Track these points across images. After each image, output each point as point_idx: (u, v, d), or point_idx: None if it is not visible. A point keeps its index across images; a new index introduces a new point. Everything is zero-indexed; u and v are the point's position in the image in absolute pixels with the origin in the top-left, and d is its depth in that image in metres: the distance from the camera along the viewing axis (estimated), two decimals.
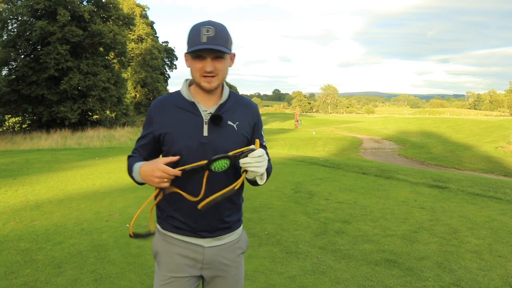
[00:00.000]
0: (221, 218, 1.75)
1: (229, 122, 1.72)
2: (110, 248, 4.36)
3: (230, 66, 1.73)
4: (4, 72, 31.61)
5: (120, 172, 9.39)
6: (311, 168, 10.30)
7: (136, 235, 1.77)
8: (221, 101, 1.73)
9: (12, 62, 31.72)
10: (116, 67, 38.83)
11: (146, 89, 51.94)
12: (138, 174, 1.66)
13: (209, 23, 1.62)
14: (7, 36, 31.80)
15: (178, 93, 1.77)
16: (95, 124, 33.50)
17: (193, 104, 1.71)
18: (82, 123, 32.49)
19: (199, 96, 1.73)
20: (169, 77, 58.02)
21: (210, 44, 1.58)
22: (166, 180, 1.58)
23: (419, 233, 4.90)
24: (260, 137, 1.83)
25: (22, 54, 32.34)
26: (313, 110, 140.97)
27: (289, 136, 30.17)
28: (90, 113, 34.89)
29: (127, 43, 39.56)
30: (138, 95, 51.77)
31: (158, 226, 1.83)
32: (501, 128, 29.86)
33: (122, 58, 38.69)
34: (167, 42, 58.11)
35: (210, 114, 1.69)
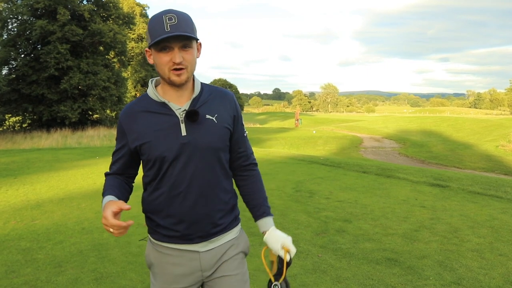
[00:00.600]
0: (214, 222, 1.63)
1: (208, 116, 1.59)
2: (110, 247, 4.36)
3: (198, 57, 1.59)
4: (4, 72, 31.63)
5: None
6: (312, 167, 10.30)
7: None
8: (194, 95, 1.59)
9: (12, 62, 31.72)
10: (116, 66, 38.81)
11: (146, 88, 51.95)
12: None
13: (170, 11, 1.49)
14: (7, 35, 31.79)
15: (145, 96, 1.63)
16: (96, 123, 33.49)
17: (164, 105, 1.57)
18: (82, 122, 32.49)
19: (169, 95, 1.59)
20: None
21: (175, 31, 1.44)
22: (111, 230, 1.43)
23: (420, 232, 4.90)
24: (242, 127, 1.74)
25: (22, 54, 32.34)
26: (314, 109, 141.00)
27: (289, 135, 30.17)
28: (90, 112, 34.88)
29: (127, 42, 39.55)
30: (138, 94, 51.76)
31: (149, 236, 1.72)
32: (501, 126, 29.87)
33: (122, 57, 38.69)
34: None
35: (185, 111, 1.56)
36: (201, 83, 1.66)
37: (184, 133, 1.55)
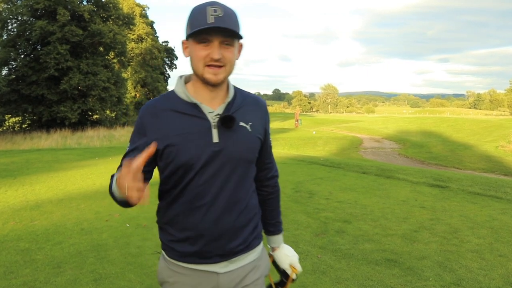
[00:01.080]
0: (236, 240, 1.47)
1: (241, 124, 1.43)
2: (110, 248, 4.35)
3: (237, 59, 1.42)
4: (4, 72, 31.67)
5: None
6: (312, 168, 10.29)
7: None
8: (229, 99, 1.43)
9: (12, 62, 31.77)
10: (116, 66, 38.85)
11: (146, 89, 51.94)
12: (116, 186, 1.27)
13: (215, 2, 1.33)
14: (7, 36, 31.84)
15: (172, 94, 1.45)
16: (95, 124, 33.52)
17: (195, 106, 1.39)
18: (82, 123, 32.51)
19: (200, 95, 1.41)
20: (169, 76, 58.02)
21: (219, 24, 1.28)
22: (132, 185, 1.13)
23: (419, 232, 4.89)
24: (269, 138, 1.61)
25: (22, 54, 32.39)
26: (313, 110, 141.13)
27: (289, 136, 30.17)
28: (90, 113, 34.91)
29: (127, 43, 39.59)
30: (138, 95, 51.77)
31: (163, 253, 1.54)
32: (501, 127, 29.87)
33: (122, 57, 38.73)
34: (167, 41, 58.09)
35: (218, 116, 1.39)
36: (234, 86, 1.50)
37: (216, 139, 1.39)
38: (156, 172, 1.51)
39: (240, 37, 1.36)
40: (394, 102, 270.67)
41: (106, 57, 36.50)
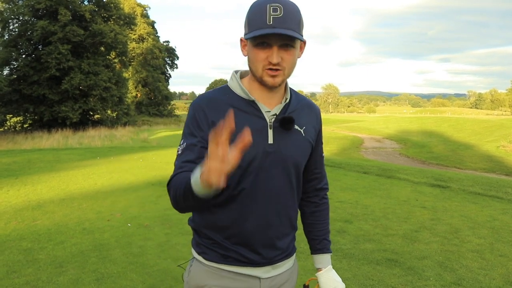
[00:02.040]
0: (281, 247, 1.43)
1: (296, 127, 1.37)
2: (111, 247, 4.37)
3: (299, 57, 1.34)
4: (5, 72, 31.75)
5: (121, 172, 9.40)
6: None
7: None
8: (286, 101, 1.38)
9: (14, 62, 31.82)
10: (117, 66, 38.91)
11: (147, 89, 52.03)
12: (198, 177, 1.05)
13: (275, 0, 1.22)
14: (8, 36, 31.91)
15: (227, 89, 1.38)
16: (97, 123, 33.55)
17: (253, 104, 1.33)
18: (83, 122, 32.56)
19: (257, 93, 1.34)
20: (170, 76, 58.16)
21: (278, 28, 1.20)
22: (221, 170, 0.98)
23: (420, 232, 4.90)
24: (321, 147, 1.55)
25: (23, 54, 32.45)
26: None
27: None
28: (91, 113, 34.96)
29: (128, 43, 39.65)
30: (139, 95, 51.84)
31: (200, 257, 1.44)
32: (502, 127, 29.83)
33: (123, 57, 38.77)
34: (168, 41, 58.25)
35: (275, 116, 1.33)
36: (290, 87, 1.43)
37: (270, 140, 1.32)
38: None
39: (302, 39, 1.29)
40: (395, 102, 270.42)
41: (107, 57, 36.54)
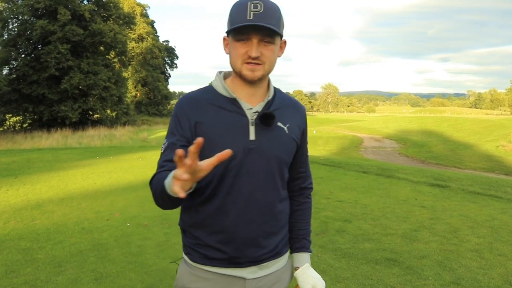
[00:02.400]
0: (267, 245, 1.41)
1: (279, 124, 1.39)
2: (110, 247, 4.36)
3: (279, 56, 1.37)
4: (5, 72, 31.73)
5: (120, 171, 9.40)
6: (312, 167, 10.17)
7: None
8: (268, 98, 1.39)
9: (13, 62, 31.80)
10: (117, 66, 38.88)
11: (146, 88, 52.01)
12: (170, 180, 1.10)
13: None
14: (7, 35, 31.88)
15: (210, 89, 1.41)
16: (96, 123, 33.54)
17: (234, 101, 1.36)
18: (82, 122, 32.53)
19: (239, 91, 1.37)
20: (170, 76, 58.12)
21: (257, 21, 1.23)
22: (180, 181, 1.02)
23: (419, 232, 4.90)
24: (306, 146, 1.56)
25: (22, 54, 32.42)
26: (314, 109, 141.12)
27: None
28: (90, 112, 34.94)
29: (128, 42, 39.62)
30: (138, 94, 51.82)
31: (186, 257, 1.47)
32: (502, 127, 29.87)
33: (123, 57, 38.76)
34: (167, 41, 58.14)
35: (257, 113, 1.35)
36: (274, 86, 1.45)
37: (252, 137, 1.34)
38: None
39: (280, 35, 1.32)
40: (395, 102, 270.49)
41: (107, 56, 36.52)
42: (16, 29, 32.01)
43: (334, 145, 25.22)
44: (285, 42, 1.39)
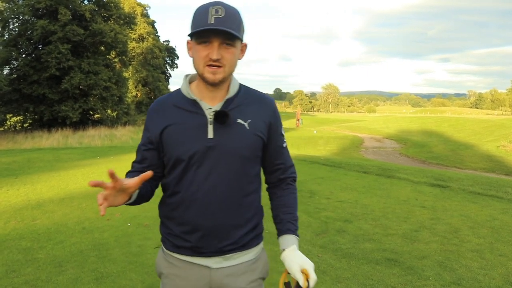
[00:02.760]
0: (230, 238, 1.47)
1: (239, 120, 1.44)
2: (111, 247, 4.36)
3: (240, 59, 1.44)
4: (5, 71, 31.69)
5: (121, 171, 9.32)
6: (312, 167, 10.30)
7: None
8: (228, 96, 1.45)
9: (14, 61, 31.77)
10: (117, 66, 38.85)
11: (147, 88, 51.97)
12: None
13: (218, 3, 1.34)
14: (8, 35, 31.87)
15: (178, 91, 1.50)
16: (96, 123, 33.52)
17: (194, 103, 1.44)
18: (83, 122, 32.52)
19: (202, 93, 1.45)
20: (170, 76, 58.06)
21: (218, 26, 1.30)
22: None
23: (420, 232, 4.90)
24: (280, 138, 1.57)
25: (23, 53, 32.40)
26: (315, 109, 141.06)
27: (290, 135, 30.16)
28: (91, 112, 34.91)
29: (128, 42, 39.59)
30: (139, 94, 51.80)
31: (162, 245, 1.61)
32: (502, 127, 29.85)
33: (123, 57, 38.72)
34: (168, 41, 58.05)
35: (215, 112, 1.43)
36: (240, 84, 1.52)
37: (210, 135, 1.41)
38: None
39: (240, 39, 1.38)
40: (395, 102, 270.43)
41: (107, 56, 36.49)
42: (16, 29, 32.01)
43: (334, 145, 25.22)
44: (245, 45, 1.46)
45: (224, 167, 1.43)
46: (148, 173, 1.22)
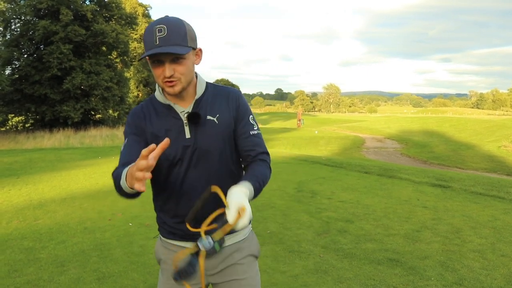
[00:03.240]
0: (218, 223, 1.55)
1: (209, 117, 1.56)
2: (113, 247, 4.37)
3: (197, 64, 1.55)
4: (7, 72, 31.71)
5: None
6: (314, 167, 10.30)
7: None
8: (197, 97, 1.57)
9: (15, 62, 31.80)
10: (119, 66, 38.88)
11: (148, 88, 52.00)
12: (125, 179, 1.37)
13: (161, 21, 1.43)
14: (10, 35, 31.90)
15: (153, 98, 1.62)
16: (98, 123, 33.53)
17: (169, 107, 1.56)
18: (85, 122, 32.54)
19: (174, 98, 1.56)
20: None
21: (162, 46, 1.39)
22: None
23: (421, 232, 4.89)
24: (248, 125, 1.62)
25: (25, 54, 32.44)
26: (316, 109, 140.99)
27: (291, 136, 30.16)
28: (93, 113, 34.94)
29: (130, 43, 39.63)
30: (140, 94, 51.84)
31: (159, 234, 1.74)
32: (504, 127, 29.81)
33: (125, 57, 38.72)
34: None
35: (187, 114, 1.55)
36: (207, 83, 1.63)
37: (188, 135, 1.54)
38: None
39: (186, 52, 1.43)
40: (397, 102, 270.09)
41: (109, 56, 36.51)
42: (18, 30, 32.04)
43: (336, 145, 25.20)
44: (200, 50, 1.55)
45: (204, 162, 1.56)
46: (167, 140, 1.21)
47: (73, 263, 3.91)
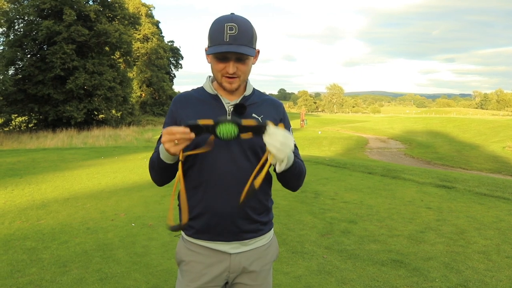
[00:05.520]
0: (247, 219, 1.61)
1: (254, 115, 1.62)
2: (115, 247, 4.36)
3: (254, 64, 1.63)
4: (10, 72, 31.87)
5: (125, 171, 9.41)
6: (317, 168, 10.27)
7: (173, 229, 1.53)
8: (245, 94, 1.64)
9: (19, 62, 31.97)
10: (122, 66, 38.99)
11: (151, 89, 52.09)
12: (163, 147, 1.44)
13: (232, 19, 1.48)
14: (13, 35, 32.05)
15: (201, 88, 1.69)
16: (101, 123, 33.63)
17: (216, 97, 1.62)
18: (88, 122, 32.65)
19: (222, 91, 1.63)
20: (175, 76, 58.23)
21: (233, 45, 1.46)
22: (175, 140, 1.37)
23: (425, 233, 4.86)
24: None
25: (28, 54, 32.58)
26: (319, 110, 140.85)
27: (295, 136, 29.60)
28: (95, 113, 35.04)
29: (133, 43, 39.70)
30: (143, 95, 51.92)
31: (183, 233, 1.71)
32: (508, 127, 29.66)
33: (128, 57, 38.86)
34: (172, 41, 58.21)
35: (233, 105, 1.60)
36: (254, 88, 1.70)
37: None
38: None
39: (253, 55, 1.52)
40: (400, 102, 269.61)
41: (112, 56, 36.62)
42: (22, 30, 32.19)
43: (339, 145, 25.14)
44: (258, 51, 1.62)
45: (240, 155, 1.57)
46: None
47: (75, 264, 3.90)
